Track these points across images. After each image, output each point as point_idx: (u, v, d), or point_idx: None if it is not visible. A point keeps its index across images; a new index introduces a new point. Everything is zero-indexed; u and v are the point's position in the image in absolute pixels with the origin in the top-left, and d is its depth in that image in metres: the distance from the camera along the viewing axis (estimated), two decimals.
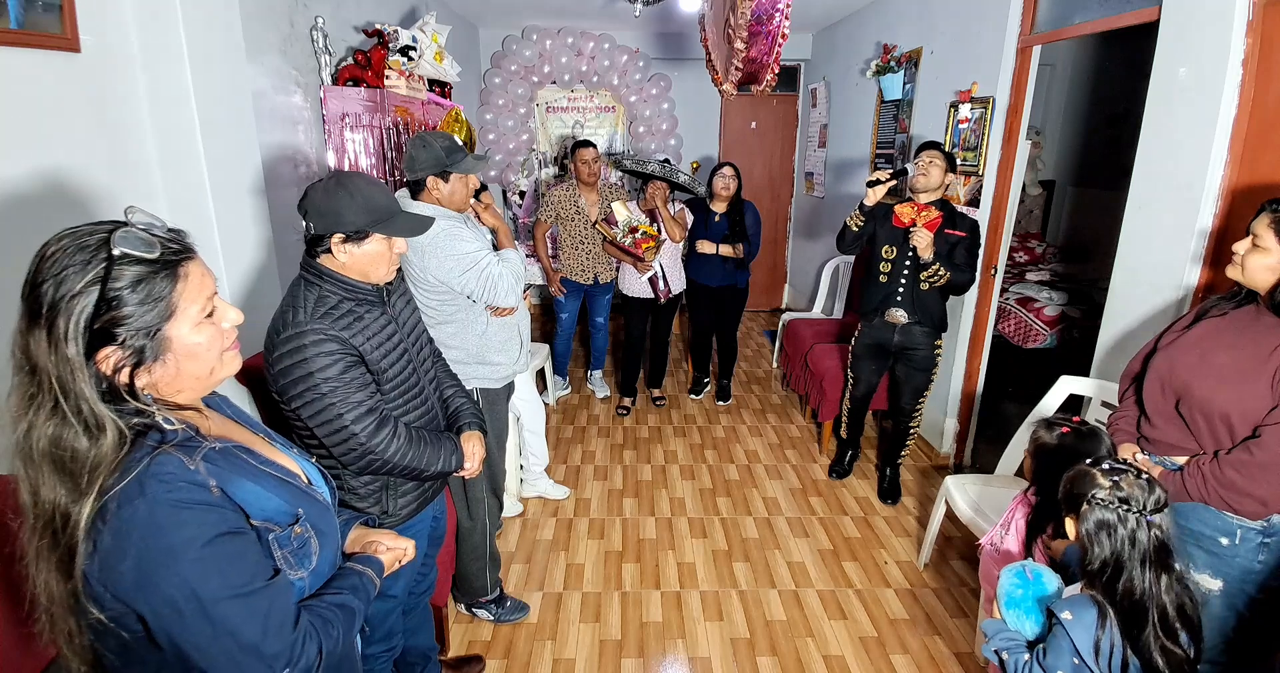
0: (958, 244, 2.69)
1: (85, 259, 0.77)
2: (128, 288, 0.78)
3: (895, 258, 2.72)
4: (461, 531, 2.17)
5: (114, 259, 0.77)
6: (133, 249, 0.78)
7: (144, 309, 0.79)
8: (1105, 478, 1.24)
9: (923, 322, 2.76)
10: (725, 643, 2.22)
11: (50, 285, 0.76)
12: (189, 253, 0.85)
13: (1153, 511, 1.19)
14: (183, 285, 0.82)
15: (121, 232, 0.78)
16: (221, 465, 0.86)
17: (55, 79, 1.58)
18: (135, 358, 0.80)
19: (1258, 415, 1.41)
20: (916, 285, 2.71)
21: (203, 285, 0.86)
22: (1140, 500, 1.19)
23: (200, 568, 0.79)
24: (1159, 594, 1.19)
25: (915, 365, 2.86)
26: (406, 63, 2.85)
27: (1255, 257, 1.44)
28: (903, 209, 2.69)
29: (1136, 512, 1.19)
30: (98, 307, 0.77)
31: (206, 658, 0.82)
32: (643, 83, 5.45)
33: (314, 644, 0.89)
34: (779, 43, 2.17)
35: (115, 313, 0.78)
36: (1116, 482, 1.22)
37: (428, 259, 1.90)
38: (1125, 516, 1.19)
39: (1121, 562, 1.19)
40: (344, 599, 0.98)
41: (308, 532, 0.94)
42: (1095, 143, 4.99)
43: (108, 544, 0.77)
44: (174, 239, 0.84)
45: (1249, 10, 1.85)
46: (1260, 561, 1.45)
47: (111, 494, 0.77)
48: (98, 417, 0.77)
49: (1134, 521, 1.19)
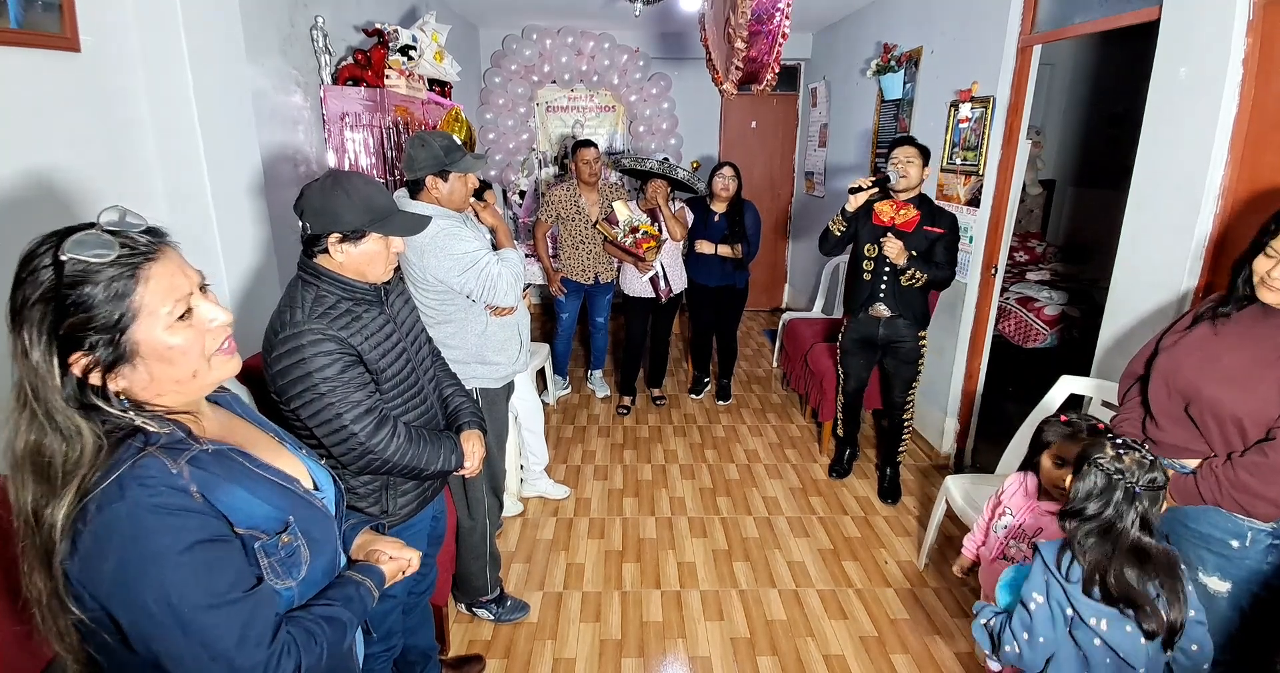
0: (937, 241, 2.71)
1: (45, 264, 0.77)
2: (86, 292, 0.77)
3: (877, 256, 2.77)
4: (461, 530, 2.17)
5: (63, 265, 0.76)
6: (81, 253, 0.76)
7: (103, 313, 0.78)
8: (1112, 448, 1.31)
9: (905, 315, 2.82)
10: (725, 643, 2.22)
11: (19, 291, 0.77)
12: (153, 253, 0.81)
13: (1145, 488, 1.26)
14: (144, 288, 0.80)
15: (76, 236, 0.77)
16: (212, 469, 0.85)
17: (55, 79, 1.58)
18: (105, 362, 0.79)
19: (1269, 417, 1.40)
20: (898, 281, 2.76)
21: (172, 286, 0.82)
22: (1135, 475, 1.27)
23: (177, 575, 0.78)
24: (1129, 529, 1.27)
25: (902, 358, 2.91)
26: (406, 62, 2.85)
27: None
28: (882, 207, 2.72)
29: (1128, 483, 1.26)
30: (57, 312, 0.76)
31: (178, 666, 0.81)
32: (643, 82, 5.45)
33: (291, 661, 0.86)
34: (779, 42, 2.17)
35: (75, 318, 0.77)
36: (1119, 454, 1.29)
37: (427, 258, 1.90)
38: (1116, 483, 1.27)
39: (1104, 510, 1.29)
40: (333, 612, 0.95)
41: (297, 540, 0.92)
42: (1095, 143, 4.99)
43: (88, 545, 0.76)
44: (139, 241, 0.81)
45: (1249, 10, 1.85)
46: (1269, 562, 1.45)
47: (92, 496, 0.77)
48: (72, 422, 0.77)
49: (1123, 491, 1.27)
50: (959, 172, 3.26)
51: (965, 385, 3.33)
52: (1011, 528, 1.74)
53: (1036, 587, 1.33)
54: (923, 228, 2.70)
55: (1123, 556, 1.26)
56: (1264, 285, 1.42)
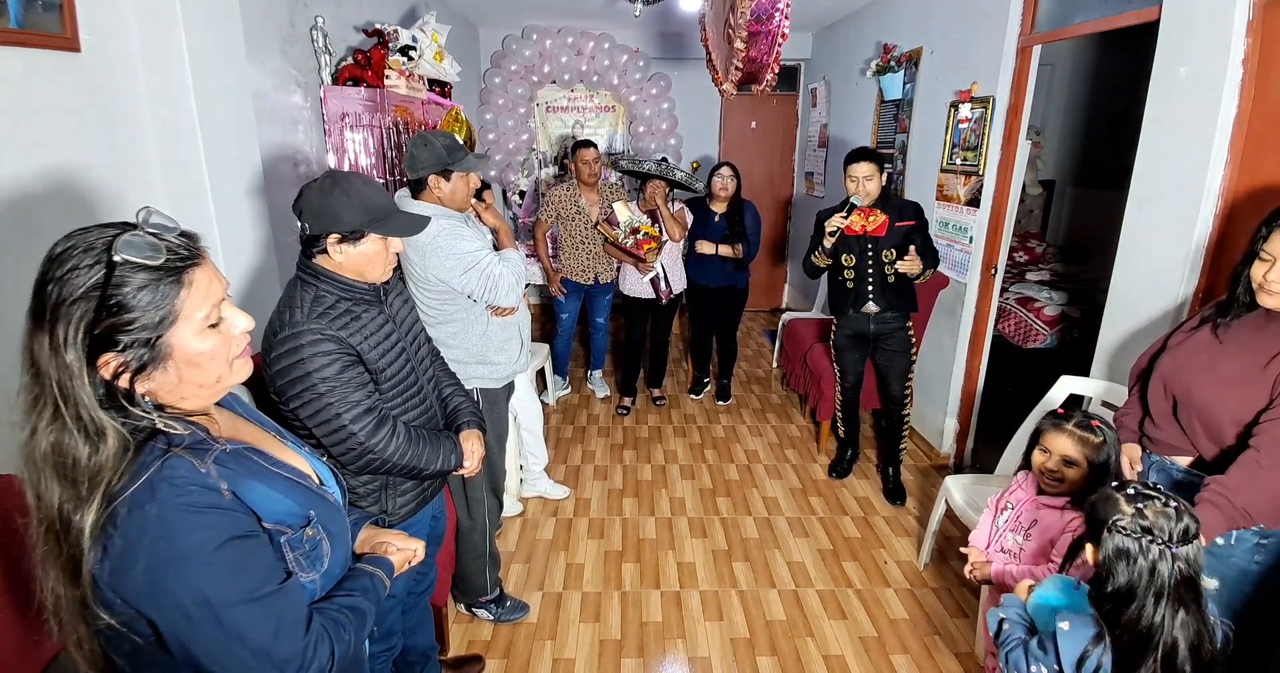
0: (910, 232, 2.80)
1: (89, 263, 0.76)
2: (130, 294, 0.77)
3: (856, 265, 2.86)
4: (461, 530, 2.16)
5: (115, 265, 0.76)
6: (135, 256, 0.76)
7: (146, 316, 0.78)
8: (1129, 504, 1.16)
9: (894, 307, 2.89)
10: (725, 643, 2.22)
11: (54, 288, 0.76)
12: (196, 259, 0.83)
13: (1179, 541, 1.11)
14: (187, 292, 0.80)
15: (126, 236, 0.77)
16: (233, 468, 0.85)
17: (55, 79, 1.58)
18: (136, 364, 0.79)
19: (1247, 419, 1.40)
20: (883, 278, 2.83)
21: (209, 292, 0.83)
22: (1166, 530, 1.12)
23: (211, 572, 0.78)
24: (1170, 630, 1.11)
25: (894, 349, 2.96)
26: (406, 62, 2.85)
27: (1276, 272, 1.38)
28: (851, 219, 2.80)
29: (1161, 543, 1.11)
30: (98, 312, 0.76)
31: (218, 663, 0.81)
32: (643, 83, 5.45)
33: (326, 648, 0.88)
34: (779, 42, 2.17)
35: (116, 319, 0.76)
36: (1140, 509, 1.14)
37: (428, 258, 1.90)
38: (1148, 546, 1.12)
39: (1134, 592, 1.13)
40: (355, 602, 0.97)
41: (319, 534, 0.94)
42: (1095, 143, 4.99)
43: (119, 549, 0.76)
44: (183, 245, 0.82)
45: (1249, 10, 1.85)
46: (1257, 561, 1.45)
47: (121, 499, 0.76)
48: (98, 423, 0.76)
49: (1156, 552, 1.11)
50: (959, 172, 3.26)
51: (965, 386, 3.33)
52: (1009, 521, 1.75)
53: (1044, 661, 1.21)
54: (895, 225, 2.79)
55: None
56: (1263, 290, 1.42)
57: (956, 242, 3.29)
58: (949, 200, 3.36)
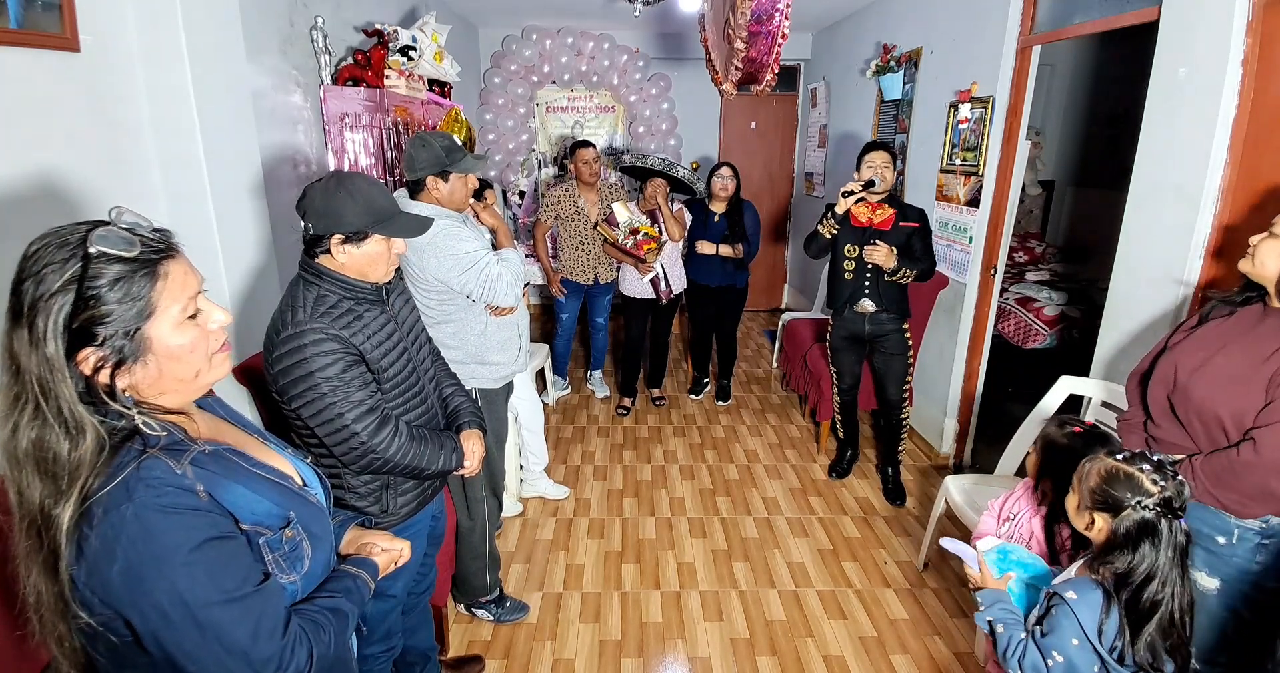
0: (912, 235, 2.83)
1: (64, 257, 0.77)
2: (106, 286, 0.77)
3: (858, 257, 2.87)
4: (461, 530, 2.16)
5: (91, 257, 0.77)
6: (110, 248, 0.77)
7: (123, 308, 0.79)
8: (1148, 480, 1.19)
9: (889, 309, 2.90)
10: (725, 643, 2.22)
11: (30, 284, 0.76)
12: (170, 252, 0.84)
13: (1180, 509, 1.18)
14: (162, 284, 0.81)
15: (100, 230, 0.78)
16: (211, 469, 0.86)
17: (55, 79, 1.58)
18: (115, 358, 0.79)
19: (1249, 417, 1.41)
20: (880, 278, 2.85)
21: (185, 284, 0.84)
22: (1180, 500, 1.17)
23: (188, 573, 0.78)
24: (1175, 598, 1.17)
25: (891, 351, 2.97)
26: (406, 63, 2.85)
27: (1269, 244, 1.43)
28: (858, 210, 2.85)
29: (1173, 515, 1.16)
30: (75, 305, 0.76)
31: (195, 664, 0.81)
32: (643, 83, 5.45)
33: (304, 650, 0.88)
34: (779, 43, 2.17)
35: (93, 312, 0.77)
36: (1161, 484, 1.18)
37: (427, 259, 1.90)
38: (1172, 524, 1.16)
39: (1154, 570, 1.17)
40: (336, 603, 0.97)
41: (299, 535, 0.94)
42: (1095, 143, 5.00)
43: (95, 549, 0.76)
44: (156, 238, 0.84)
45: (1249, 10, 1.85)
46: (1258, 561, 1.45)
47: (97, 498, 0.76)
48: (78, 419, 0.76)
49: (1175, 525, 1.16)
50: (959, 172, 3.26)
51: (965, 386, 3.33)
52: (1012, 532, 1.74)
53: (1059, 645, 1.23)
54: (899, 224, 2.81)
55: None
56: (1244, 256, 1.48)
57: (956, 242, 3.29)
58: (949, 200, 3.36)
